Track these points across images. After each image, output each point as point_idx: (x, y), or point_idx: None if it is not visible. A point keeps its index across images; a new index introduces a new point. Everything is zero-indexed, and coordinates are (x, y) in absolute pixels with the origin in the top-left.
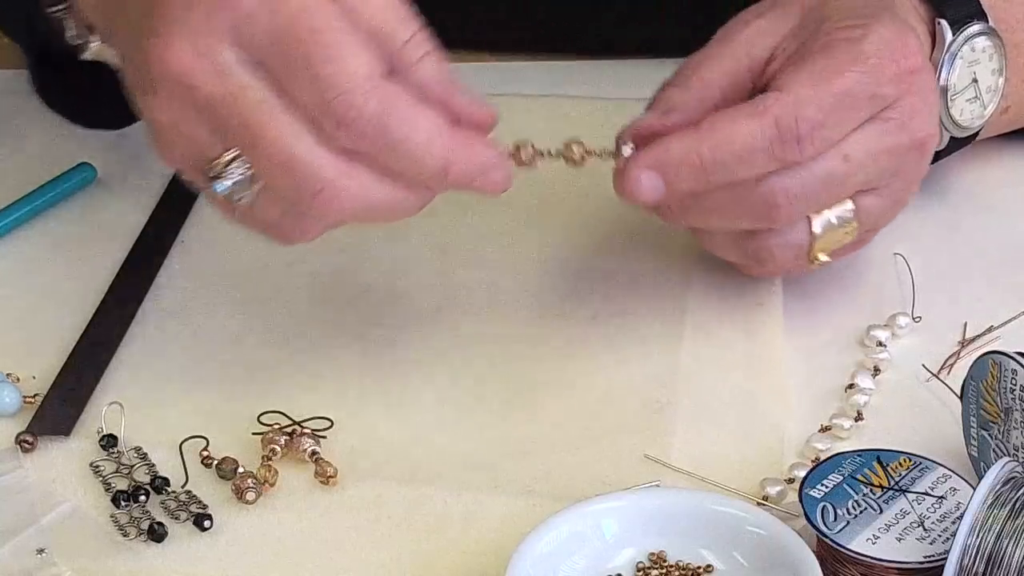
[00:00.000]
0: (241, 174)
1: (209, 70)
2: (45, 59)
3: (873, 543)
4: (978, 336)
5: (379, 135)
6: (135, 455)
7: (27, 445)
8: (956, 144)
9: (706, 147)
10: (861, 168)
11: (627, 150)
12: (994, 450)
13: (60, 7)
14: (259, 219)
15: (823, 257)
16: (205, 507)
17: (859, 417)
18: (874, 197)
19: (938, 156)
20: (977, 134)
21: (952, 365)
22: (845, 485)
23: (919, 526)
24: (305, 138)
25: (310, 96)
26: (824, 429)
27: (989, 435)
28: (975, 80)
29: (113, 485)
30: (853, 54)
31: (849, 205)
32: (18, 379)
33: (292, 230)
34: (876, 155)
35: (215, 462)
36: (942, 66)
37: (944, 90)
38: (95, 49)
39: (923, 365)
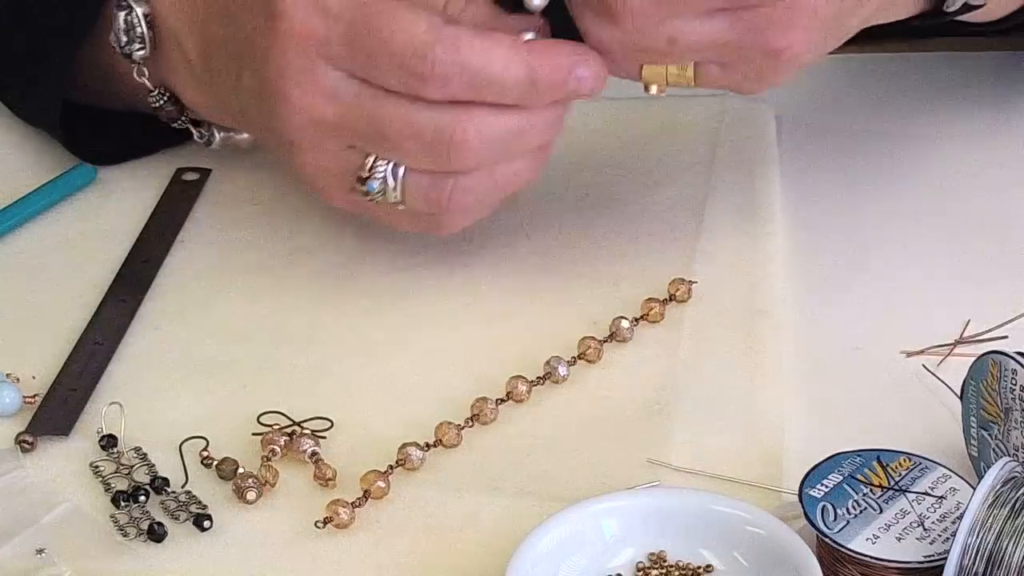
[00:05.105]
0: (383, 169)
1: (324, 99)
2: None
3: (873, 543)
4: (978, 336)
5: (460, 74)
6: (135, 455)
7: (27, 445)
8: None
9: None
10: (692, 52)
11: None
12: (994, 450)
13: (183, 117)
14: (413, 208)
15: (653, 89)
16: (205, 507)
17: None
18: (718, 69)
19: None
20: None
21: (944, 357)
22: (845, 485)
23: (919, 526)
24: (417, 106)
25: (394, 74)
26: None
27: (989, 435)
28: None
29: (113, 485)
30: None
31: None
32: (18, 379)
33: (446, 212)
34: (714, 46)
35: (215, 462)
36: None
37: None
38: (220, 140)
39: (923, 365)
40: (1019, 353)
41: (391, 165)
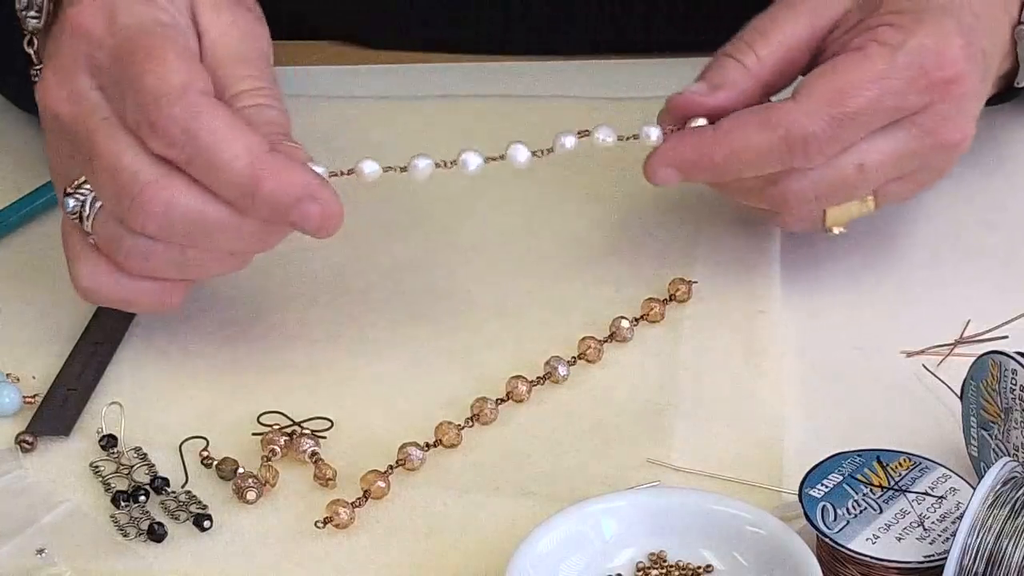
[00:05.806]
0: (85, 194)
1: (66, 96)
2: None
3: (873, 543)
4: (978, 336)
5: (186, 142)
6: (135, 455)
7: (27, 445)
8: None
9: (719, 153)
10: (878, 172)
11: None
12: (994, 450)
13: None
14: (99, 242)
15: (836, 230)
16: (205, 507)
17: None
18: (897, 184)
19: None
20: None
21: (944, 357)
22: (845, 485)
23: (919, 526)
24: (132, 149)
25: (131, 109)
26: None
27: (989, 435)
28: None
29: (113, 485)
30: (883, 64)
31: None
32: (18, 379)
33: (124, 267)
34: (897, 160)
35: (215, 462)
36: None
37: None
38: None
39: (923, 365)
40: (1019, 353)
41: (94, 194)
